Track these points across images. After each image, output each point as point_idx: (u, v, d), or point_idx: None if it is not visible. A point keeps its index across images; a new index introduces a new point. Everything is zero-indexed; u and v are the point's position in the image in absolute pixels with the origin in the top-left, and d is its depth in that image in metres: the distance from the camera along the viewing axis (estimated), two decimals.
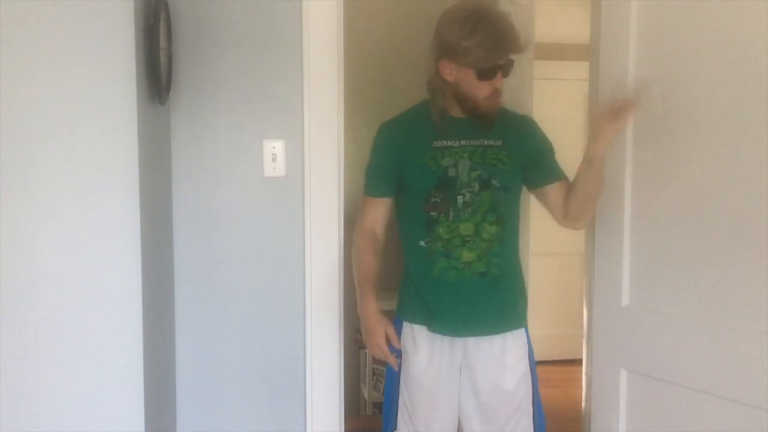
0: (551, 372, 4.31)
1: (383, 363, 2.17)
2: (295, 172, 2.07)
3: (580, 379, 2.24)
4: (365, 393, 5.20)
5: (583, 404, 2.18)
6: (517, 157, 1.99)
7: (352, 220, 2.13)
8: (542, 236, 2.87)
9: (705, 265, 1.75)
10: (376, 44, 3.71)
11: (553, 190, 2.01)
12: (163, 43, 1.82)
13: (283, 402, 2.12)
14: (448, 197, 1.94)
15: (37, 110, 1.61)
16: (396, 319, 2.09)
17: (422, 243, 1.98)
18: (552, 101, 4.10)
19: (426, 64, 1.98)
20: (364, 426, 4.44)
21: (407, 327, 2.05)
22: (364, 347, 5.49)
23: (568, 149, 2.16)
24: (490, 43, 1.85)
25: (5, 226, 1.62)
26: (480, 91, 1.91)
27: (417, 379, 2.01)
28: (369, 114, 4.27)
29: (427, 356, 2.00)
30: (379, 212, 2.05)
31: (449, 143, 1.97)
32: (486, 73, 1.89)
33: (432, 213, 1.96)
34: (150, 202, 1.77)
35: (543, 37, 3.88)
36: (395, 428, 2.05)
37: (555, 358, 4.42)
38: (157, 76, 1.79)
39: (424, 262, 1.99)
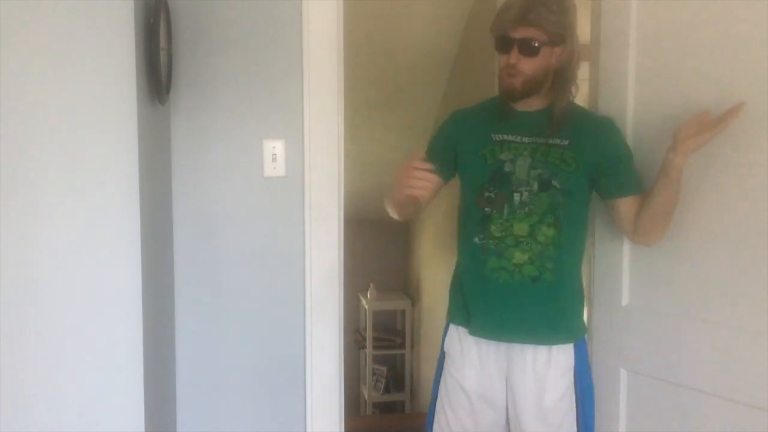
0: None
1: (383, 363, 2.16)
2: (295, 172, 2.07)
3: None
4: (365, 393, 5.18)
5: None
6: (585, 160, 1.85)
7: (352, 220, 2.12)
8: None
9: (705, 265, 1.75)
10: (376, 44, 3.71)
11: (626, 203, 1.85)
12: (163, 43, 1.82)
13: (283, 402, 2.12)
14: (503, 193, 1.85)
15: (37, 110, 1.61)
16: (447, 324, 2.02)
17: (476, 240, 1.89)
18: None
19: (479, 61, 1.90)
20: (364, 426, 4.45)
21: (453, 329, 1.99)
22: (364, 347, 5.47)
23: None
24: (508, 7, 1.78)
25: (5, 226, 1.62)
26: (500, 63, 1.82)
27: (458, 382, 1.94)
28: (369, 114, 4.29)
29: (472, 361, 1.93)
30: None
31: (511, 137, 1.88)
32: (499, 43, 1.81)
33: (486, 209, 1.87)
34: (150, 202, 1.77)
35: None
36: (431, 430, 2.01)
37: None
38: (157, 76, 1.79)
39: (477, 260, 1.89)
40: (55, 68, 1.61)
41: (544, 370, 1.88)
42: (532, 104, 1.89)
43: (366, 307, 5.57)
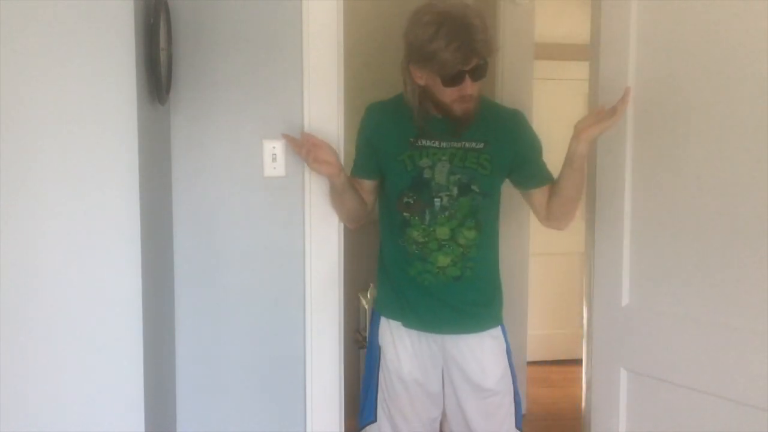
0: (551, 372, 4.31)
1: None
2: (295, 172, 2.07)
3: (580, 379, 2.24)
4: None
5: (583, 404, 2.18)
6: (500, 160, 1.94)
7: None
8: (542, 236, 2.87)
9: (705, 265, 1.75)
10: (376, 44, 3.71)
11: (538, 192, 2.00)
12: (163, 43, 1.82)
13: (283, 402, 2.12)
14: (422, 199, 1.91)
15: (37, 110, 1.61)
16: (374, 313, 2.09)
17: (399, 242, 1.97)
18: (552, 101, 4.10)
19: (400, 66, 1.89)
20: None
21: (384, 322, 2.04)
22: (364, 347, 5.49)
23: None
24: (454, 47, 1.72)
25: (5, 226, 1.62)
26: (448, 96, 1.82)
27: (396, 374, 2.01)
28: None
29: (406, 352, 2.00)
30: (364, 191, 2.04)
31: (429, 143, 1.92)
32: (451, 80, 1.78)
33: (405, 213, 1.93)
34: (150, 202, 1.77)
35: (543, 37, 3.89)
36: (374, 420, 2.05)
37: (555, 358, 4.43)
38: (157, 76, 1.79)
39: (402, 261, 1.98)
40: (55, 68, 1.61)
41: (480, 354, 1.98)
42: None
43: (366, 307, 5.57)
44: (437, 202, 1.91)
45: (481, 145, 1.93)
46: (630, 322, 1.93)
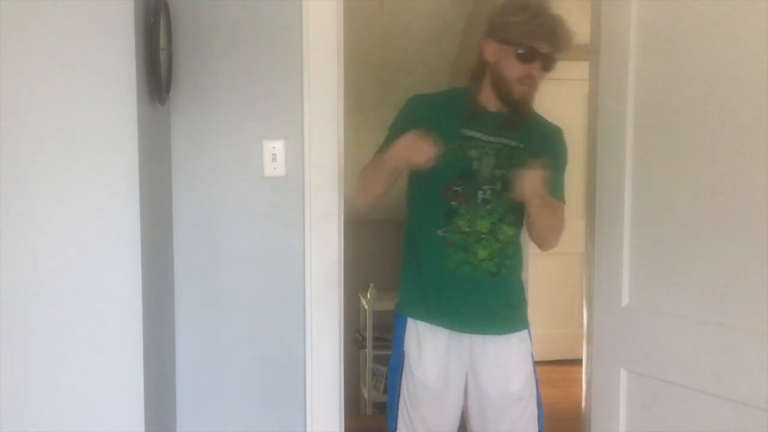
0: (551, 372, 4.31)
1: (383, 363, 2.17)
2: (295, 172, 2.07)
3: (580, 379, 2.24)
4: (365, 393, 5.19)
5: (583, 404, 2.18)
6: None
7: (352, 220, 2.12)
8: None
9: (705, 265, 1.75)
10: (376, 44, 3.71)
11: None
12: (163, 43, 1.82)
13: (283, 402, 2.12)
14: (469, 189, 1.91)
15: (37, 110, 1.61)
16: (398, 316, 2.06)
17: (440, 232, 1.94)
18: (552, 101, 4.08)
19: (471, 53, 1.96)
20: (364, 426, 4.45)
21: (411, 325, 2.02)
22: (364, 347, 5.48)
23: (568, 149, 2.14)
24: (537, 22, 1.83)
25: (5, 226, 1.62)
26: (516, 72, 1.87)
27: (420, 381, 1.99)
28: (369, 114, 4.28)
29: (432, 358, 1.98)
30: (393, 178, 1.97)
31: (478, 135, 1.94)
32: (525, 54, 1.85)
33: (453, 202, 1.92)
34: (150, 202, 1.77)
35: None
36: (395, 429, 2.05)
37: (555, 358, 4.42)
38: (157, 76, 1.79)
39: (440, 253, 1.95)
40: (55, 68, 1.61)
41: (507, 358, 1.98)
42: (498, 105, 1.95)
43: (366, 307, 5.57)
44: (480, 194, 1.92)
45: (522, 146, 1.96)
46: (630, 322, 1.93)
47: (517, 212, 1.94)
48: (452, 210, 1.93)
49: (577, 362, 2.41)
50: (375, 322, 5.63)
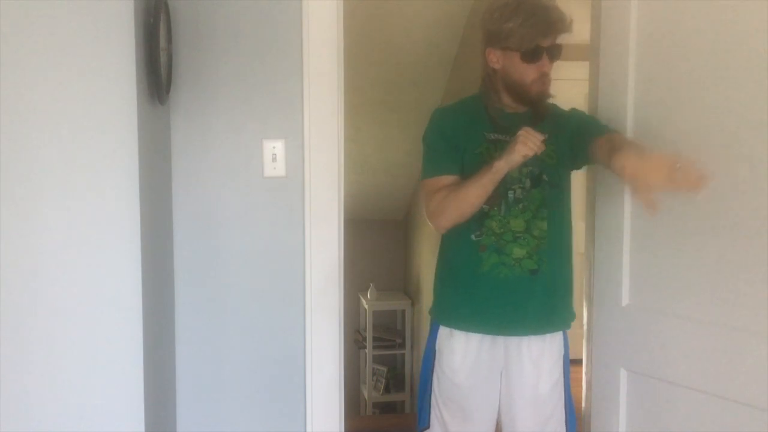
0: None
1: (383, 363, 2.17)
2: (295, 172, 2.07)
3: (580, 379, 2.24)
4: (365, 393, 5.19)
5: (583, 404, 2.18)
6: (562, 146, 1.94)
7: (352, 221, 2.12)
8: None
9: (705, 265, 1.75)
10: (376, 44, 3.71)
11: (595, 146, 1.79)
12: (163, 43, 1.82)
13: (283, 402, 2.12)
14: (499, 191, 1.91)
15: (37, 110, 1.61)
16: (433, 323, 2.06)
17: (473, 237, 1.94)
18: (552, 101, 4.09)
19: (478, 60, 1.96)
20: (364, 426, 4.45)
21: (443, 329, 2.02)
22: (364, 347, 5.46)
23: None
24: (533, 22, 1.83)
25: (5, 225, 1.62)
26: (527, 75, 1.88)
27: (451, 380, 1.99)
28: (369, 114, 4.29)
29: (463, 356, 1.97)
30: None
31: (502, 137, 1.94)
32: (530, 55, 1.86)
33: (483, 206, 1.92)
34: (150, 201, 1.77)
35: None
36: (428, 426, 2.04)
37: None
38: (157, 76, 1.79)
39: (473, 257, 1.94)
40: (55, 68, 1.61)
41: (539, 359, 1.96)
42: (515, 106, 1.96)
43: (366, 307, 5.57)
44: (510, 194, 1.92)
45: (545, 136, 1.86)
46: (630, 322, 1.93)
47: (548, 206, 1.93)
48: (483, 213, 1.92)
49: (577, 362, 2.40)
50: (375, 322, 5.65)
